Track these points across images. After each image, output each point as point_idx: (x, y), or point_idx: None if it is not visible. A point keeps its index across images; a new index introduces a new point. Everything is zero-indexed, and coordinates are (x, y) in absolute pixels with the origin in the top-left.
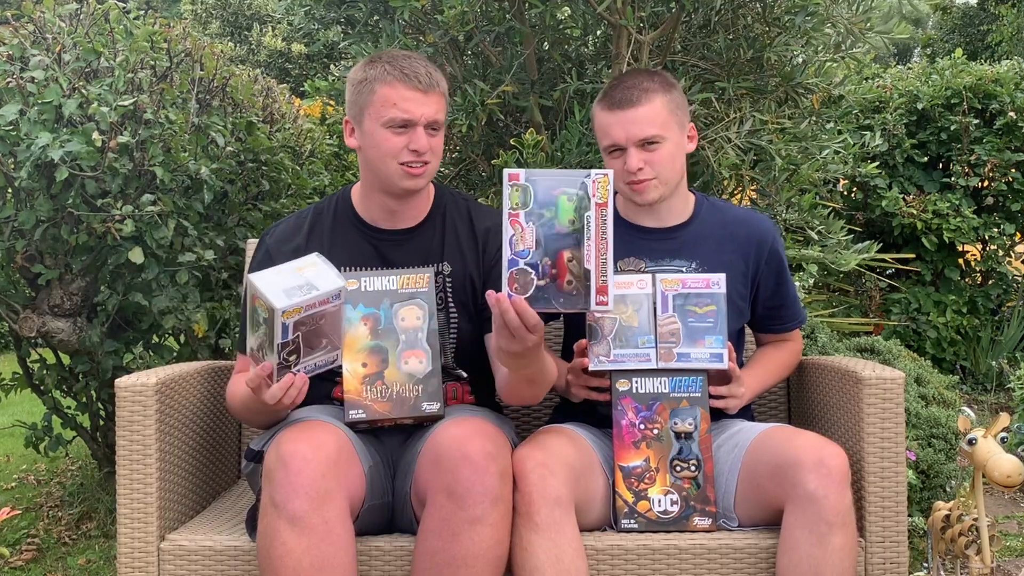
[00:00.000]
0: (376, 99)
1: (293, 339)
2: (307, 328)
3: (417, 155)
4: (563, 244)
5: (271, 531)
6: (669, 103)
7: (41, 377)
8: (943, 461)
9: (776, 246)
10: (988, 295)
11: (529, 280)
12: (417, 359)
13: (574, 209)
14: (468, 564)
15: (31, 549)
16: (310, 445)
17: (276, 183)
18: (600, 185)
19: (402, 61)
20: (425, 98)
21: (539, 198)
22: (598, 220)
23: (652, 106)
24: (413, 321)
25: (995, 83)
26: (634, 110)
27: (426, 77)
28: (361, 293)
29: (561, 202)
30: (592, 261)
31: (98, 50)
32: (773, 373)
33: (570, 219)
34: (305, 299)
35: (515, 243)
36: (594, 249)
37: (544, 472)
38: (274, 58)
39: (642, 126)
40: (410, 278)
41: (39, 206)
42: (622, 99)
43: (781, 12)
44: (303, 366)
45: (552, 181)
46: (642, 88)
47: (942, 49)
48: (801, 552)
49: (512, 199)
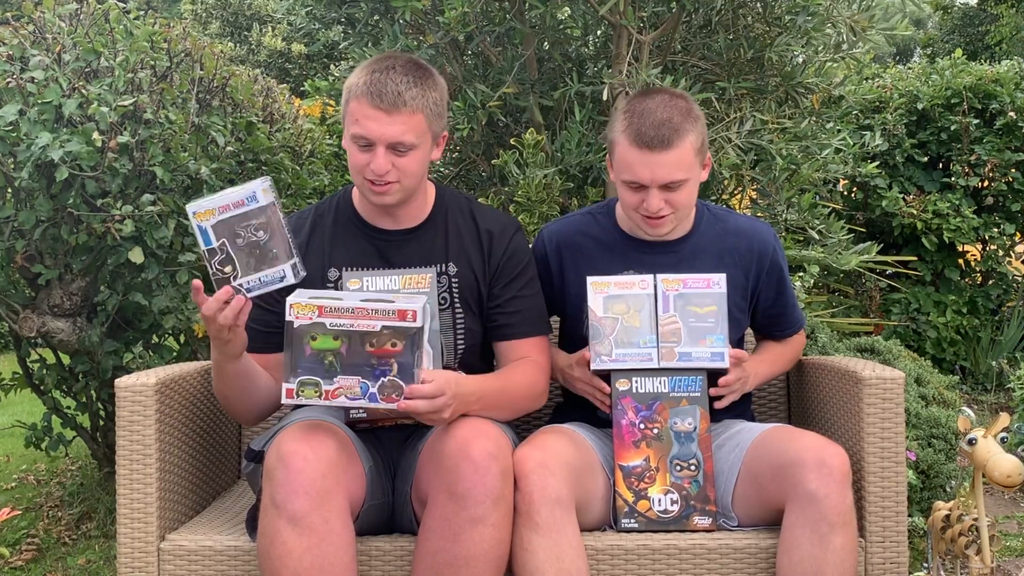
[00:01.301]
0: (348, 111)
1: (219, 246)
2: (241, 240)
3: (376, 175)
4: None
5: (271, 531)
6: (696, 141)
7: (41, 377)
8: (943, 461)
9: (776, 257)
10: (988, 295)
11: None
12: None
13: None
14: (469, 564)
15: (31, 549)
16: (311, 445)
17: (276, 183)
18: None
19: (379, 75)
20: (388, 119)
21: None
22: None
23: (683, 150)
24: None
25: (995, 83)
26: (664, 154)
27: (393, 96)
28: (363, 293)
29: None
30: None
31: (98, 50)
32: (776, 363)
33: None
34: (215, 200)
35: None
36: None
37: (544, 472)
38: (274, 58)
39: (670, 170)
40: (412, 278)
41: (39, 206)
42: (654, 139)
43: (782, 12)
44: (246, 280)
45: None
46: (674, 127)
47: (942, 49)
48: (802, 552)
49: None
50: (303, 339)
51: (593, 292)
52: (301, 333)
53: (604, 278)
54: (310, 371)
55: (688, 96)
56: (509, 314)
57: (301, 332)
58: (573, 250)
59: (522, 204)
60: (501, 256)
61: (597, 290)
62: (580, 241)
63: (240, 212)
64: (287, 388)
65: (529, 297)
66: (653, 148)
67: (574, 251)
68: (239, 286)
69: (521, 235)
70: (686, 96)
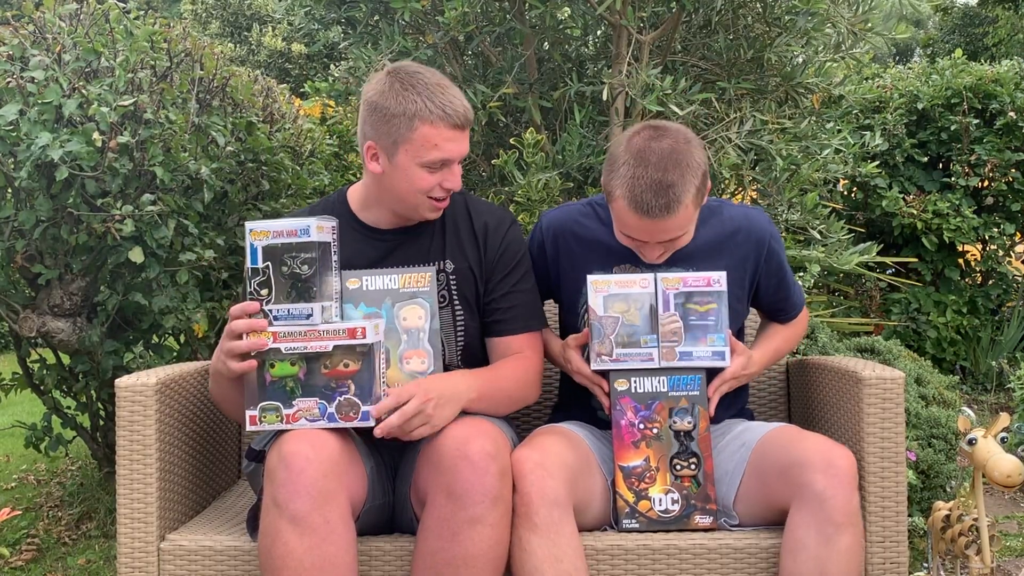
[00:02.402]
0: (416, 137)
1: (263, 268)
2: (287, 268)
3: (448, 192)
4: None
5: (273, 531)
6: (696, 196)
7: (41, 377)
8: (943, 461)
9: (774, 244)
10: (988, 295)
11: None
12: (419, 359)
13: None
14: (468, 564)
15: (31, 549)
16: (312, 445)
17: (276, 183)
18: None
19: (441, 96)
20: (462, 136)
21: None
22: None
23: (682, 213)
24: (415, 321)
25: (995, 83)
26: (664, 221)
27: (464, 113)
28: (362, 292)
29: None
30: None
31: (98, 50)
32: (780, 349)
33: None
34: (273, 224)
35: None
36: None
37: (542, 473)
38: (274, 58)
39: (670, 232)
40: (411, 277)
41: (39, 206)
42: (652, 206)
43: (781, 12)
44: (276, 308)
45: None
46: (675, 194)
47: (942, 49)
48: (807, 552)
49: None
50: (263, 367)
51: (593, 291)
52: (260, 361)
53: (605, 276)
54: (272, 396)
55: (691, 137)
56: (504, 310)
57: (260, 360)
58: (570, 239)
59: (522, 204)
60: (497, 249)
61: (597, 289)
62: (578, 231)
63: (291, 241)
64: (250, 415)
65: (523, 292)
66: (652, 216)
67: (570, 240)
68: (268, 310)
69: (517, 228)
70: (690, 138)
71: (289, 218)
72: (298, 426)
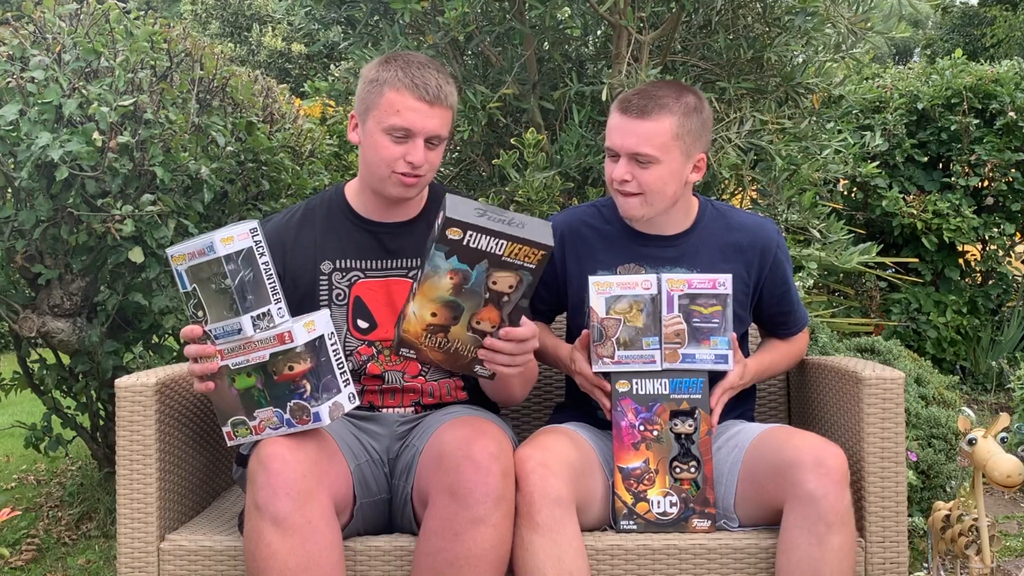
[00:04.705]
0: (382, 102)
1: (192, 290)
2: (214, 286)
3: (412, 167)
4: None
5: (256, 533)
6: (679, 127)
7: (41, 377)
8: (943, 461)
9: (780, 254)
10: (988, 295)
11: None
12: (490, 323)
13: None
14: (470, 564)
15: (31, 549)
16: (289, 447)
17: (276, 183)
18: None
19: (415, 69)
20: (430, 110)
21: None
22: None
23: (658, 124)
24: (504, 288)
25: (995, 83)
26: (638, 122)
27: (435, 89)
28: (461, 246)
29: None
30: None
31: (98, 50)
32: (776, 363)
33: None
34: (186, 246)
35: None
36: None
37: (545, 472)
38: (274, 58)
39: (639, 140)
40: (521, 249)
41: (39, 206)
42: (634, 107)
43: (781, 12)
44: (213, 327)
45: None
46: (659, 102)
47: (942, 49)
48: (800, 552)
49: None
50: (227, 384)
51: (595, 292)
52: (222, 377)
53: (607, 277)
54: (246, 407)
55: (701, 96)
56: None
57: (221, 375)
58: (576, 240)
59: (522, 204)
60: None
61: (599, 290)
62: (583, 232)
63: (203, 260)
64: (226, 432)
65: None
66: (630, 114)
67: (577, 241)
68: (209, 331)
69: None
70: (699, 95)
71: (198, 236)
72: (265, 435)
